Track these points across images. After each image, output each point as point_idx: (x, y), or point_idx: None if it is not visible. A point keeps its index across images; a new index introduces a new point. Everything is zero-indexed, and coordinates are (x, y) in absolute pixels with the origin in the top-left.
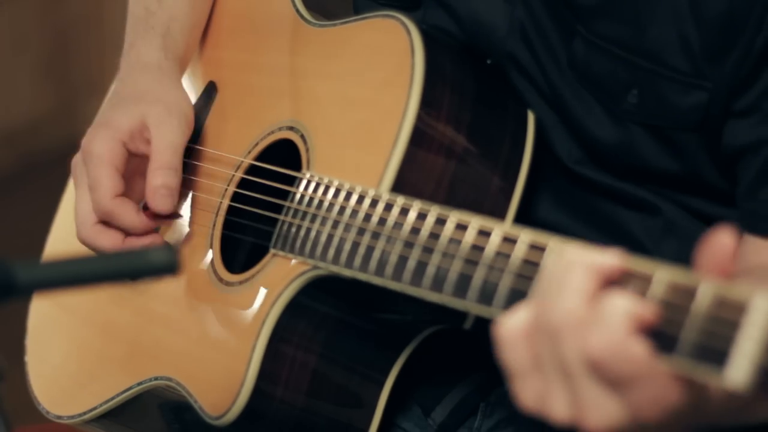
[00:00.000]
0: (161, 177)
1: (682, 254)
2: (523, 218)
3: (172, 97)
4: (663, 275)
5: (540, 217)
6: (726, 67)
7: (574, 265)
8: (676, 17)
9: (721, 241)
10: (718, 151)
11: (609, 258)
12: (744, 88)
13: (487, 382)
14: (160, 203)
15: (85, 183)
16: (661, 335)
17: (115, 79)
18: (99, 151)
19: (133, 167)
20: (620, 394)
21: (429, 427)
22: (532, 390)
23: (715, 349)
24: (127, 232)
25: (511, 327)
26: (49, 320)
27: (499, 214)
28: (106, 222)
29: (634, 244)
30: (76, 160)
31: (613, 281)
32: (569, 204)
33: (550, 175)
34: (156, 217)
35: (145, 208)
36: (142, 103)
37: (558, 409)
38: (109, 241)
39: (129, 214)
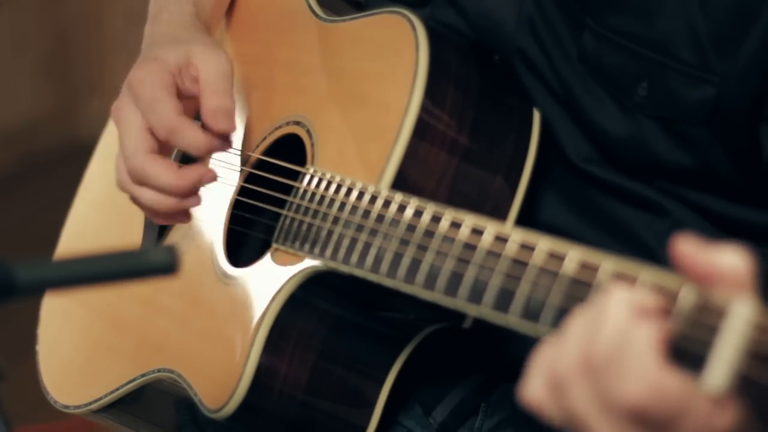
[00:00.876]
0: (217, 100)
1: None
2: (528, 219)
3: (210, 40)
4: (647, 277)
5: (545, 218)
6: (737, 60)
7: (611, 298)
8: (684, 8)
9: (731, 261)
10: (732, 147)
11: (648, 293)
12: None
13: (488, 382)
14: (220, 123)
15: (134, 118)
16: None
17: (144, 41)
18: (152, 78)
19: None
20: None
21: (430, 427)
22: None
23: (693, 353)
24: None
25: (532, 391)
26: (62, 312)
27: (501, 213)
28: (158, 152)
29: (640, 246)
30: (119, 102)
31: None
32: (575, 204)
33: (557, 174)
34: (218, 138)
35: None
36: (184, 43)
37: None
38: (164, 167)
39: (194, 131)
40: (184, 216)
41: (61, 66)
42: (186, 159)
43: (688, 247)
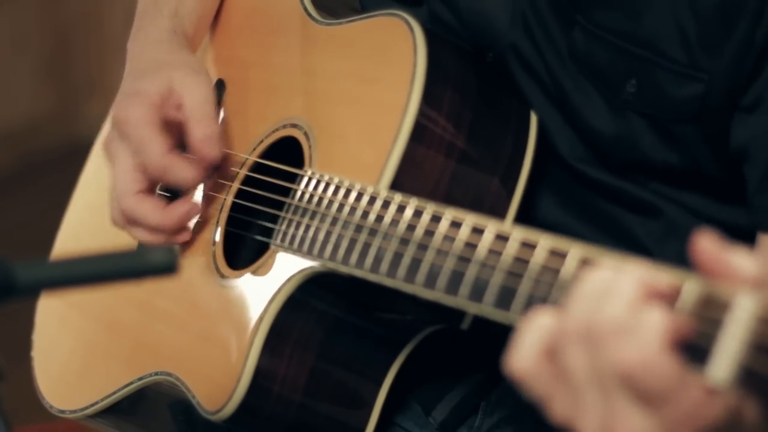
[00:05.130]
0: (203, 128)
1: (684, 256)
2: (525, 218)
3: (190, 60)
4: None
5: (542, 216)
6: (723, 58)
7: (624, 273)
8: (673, 6)
9: (704, 246)
10: (718, 144)
11: (661, 275)
12: (749, 81)
13: (488, 382)
14: (209, 151)
15: (124, 155)
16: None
17: (127, 61)
18: (136, 116)
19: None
20: (653, 411)
21: (429, 426)
22: (561, 407)
23: (697, 347)
24: (169, 198)
25: (523, 358)
26: (57, 317)
27: (499, 213)
28: (146, 191)
29: (636, 246)
30: (108, 138)
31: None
32: (571, 204)
33: (553, 174)
34: (207, 168)
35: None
36: (165, 69)
37: (587, 425)
38: (153, 207)
39: (184, 167)
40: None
41: (61, 66)
42: None
43: (709, 244)
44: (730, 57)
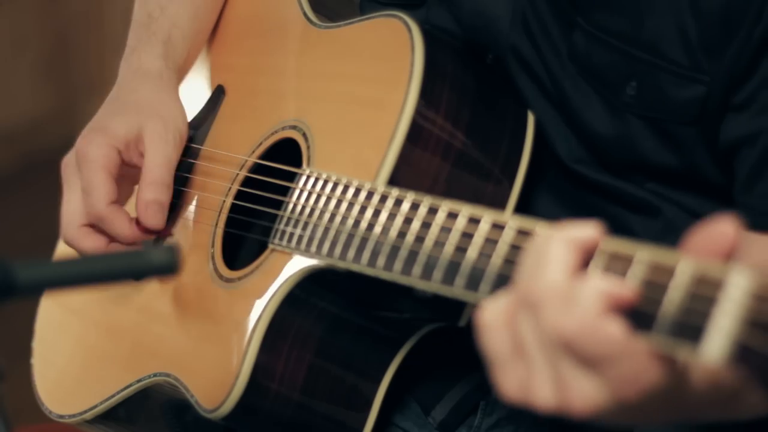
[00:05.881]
0: (153, 192)
1: None
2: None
3: (169, 111)
4: (644, 255)
5: (539, 216)
6: (724, 60)
7: (553, 238)
8: (674, 9)
9: (721, 229)
10: (717, 146)
11: (588, 231)
12: (742, 80)
13: (487, 380)
14: (150, 218)
15: (77, 185)
16: (640, 314)
17: (116, 83)
18: (94, 156)
19: (123, 173)
20: (598, 374)
21: (429, 426)
22: (515, 377)
23: (692, 325)
24: (112, 239)
25: (493, 311)
26: (57, 323)
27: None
28: (92, 225)
29: None
30: (68, 161)
31: (594, 260)
32: (569, 203)
33: (551, 175)
34: (146, 231)
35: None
36: (140, 114)
37: (542, 395)
38: (93, 244)
39: (121, 223)
40: None
41: (61, 66)
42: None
43: (728, 228)
44: (730, 58)
